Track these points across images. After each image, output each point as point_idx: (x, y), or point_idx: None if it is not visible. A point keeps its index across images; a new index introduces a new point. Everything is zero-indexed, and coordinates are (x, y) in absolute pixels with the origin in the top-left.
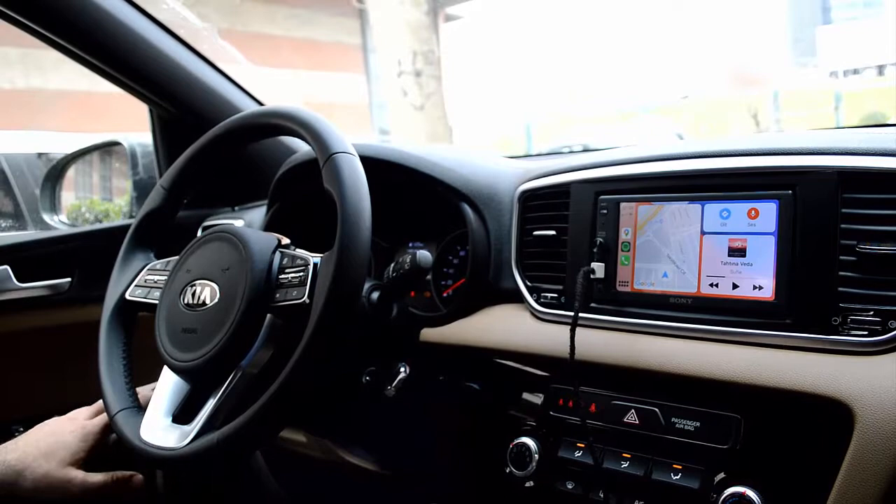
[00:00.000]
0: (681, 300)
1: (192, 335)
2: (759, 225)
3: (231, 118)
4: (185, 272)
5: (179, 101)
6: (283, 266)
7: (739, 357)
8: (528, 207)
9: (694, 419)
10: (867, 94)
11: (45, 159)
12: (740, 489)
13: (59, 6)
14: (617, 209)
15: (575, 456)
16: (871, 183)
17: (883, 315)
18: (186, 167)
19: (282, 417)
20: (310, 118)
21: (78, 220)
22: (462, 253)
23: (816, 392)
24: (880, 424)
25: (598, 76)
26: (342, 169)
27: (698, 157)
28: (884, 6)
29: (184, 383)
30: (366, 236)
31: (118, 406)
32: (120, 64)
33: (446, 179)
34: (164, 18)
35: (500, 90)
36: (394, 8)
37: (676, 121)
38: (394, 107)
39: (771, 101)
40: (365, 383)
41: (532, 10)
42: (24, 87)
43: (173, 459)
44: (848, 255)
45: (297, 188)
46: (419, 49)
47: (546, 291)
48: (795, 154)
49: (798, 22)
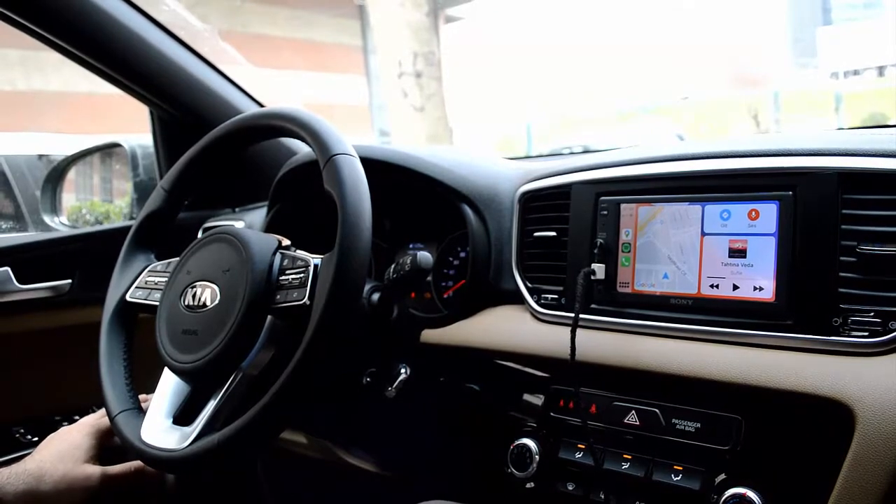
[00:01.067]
0: (681, 301)
1: (193, 336)
2: (760, 226)
3: (231, 120)
4: (186, 273)
5: (180, 102)
6: (284, 267)
7: (740, 358)
8: (529, 208)
9: (694, 420)
10: (868, 94)
11: (45, 161)
12: (741, 490)
13: (60, 8)
14: (617, 210)
15: (575, 457)
16: (872, 184)
17: (883, 316)
18: (187, 169)
19: (282, 419)
20: (310, 119)
21: (78, 221)
22: (462, 254)
23: (817, 393)
24: (881, 425)
25: (599, 77)
26: (342, 170)
27: (699, 158)
28: (884, 7)
29: (184, 385)
30: (366, 238)
31: (119, 407)
32: (120, 65)
33: (447, 180)
34: (164, 20)
35: (500, 91)
36: (394, 9)
37: (677, 121)
38: (394, 108)
39: (771, 101)
40: (365, 384)
41: (532, 12)
42: (25, 89)
43: (174, 461)
44: (848, 255)
45: (298, 190)
46: (420, 50)
47: (546, 292)
48: (796, 155)
49: (798, 23)
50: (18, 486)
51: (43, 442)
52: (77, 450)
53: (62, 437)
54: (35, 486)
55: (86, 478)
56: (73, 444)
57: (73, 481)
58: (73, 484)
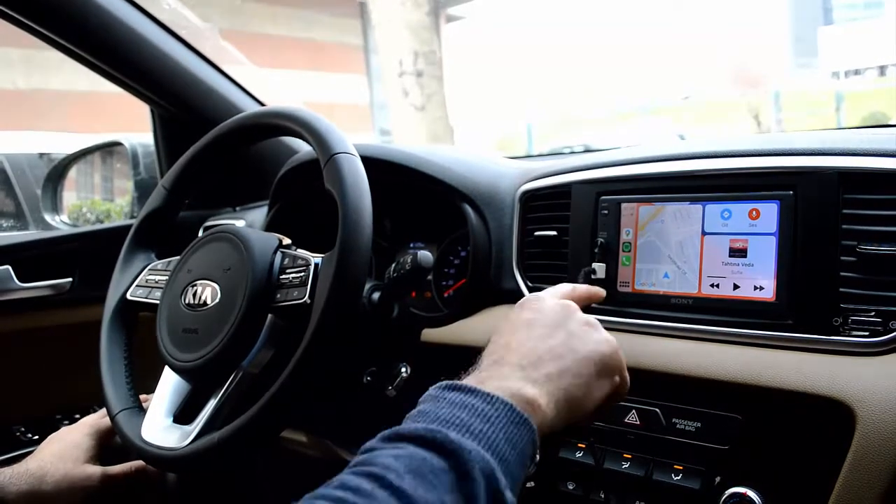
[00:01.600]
0: (682, 300)
1: (193, 335)
2: (760, 225)
3: (232, 119)
4: (187, 272)
5: (181, 101)
6: (284, 266)
7: (740, 357)
8: (529, 208)
9: (695, 420)
10: (869, 94)
11: (46, 159)
12: (741, 489)
13: (61, 6)
14: (618, 209)
15: (576, 456)
16: (872, 183)
17: (884, 315)
18: (188, 167)
19: (282, 418)
20: (311, 118)
21: (79, 220)
22: (463, 253)
23: (817, 392)
24: (881, 425)
25: (599, 76)
26: (343, 169)
27: (699, 157)
28: (885, 7)
29: (185, 383)
30: (367, 236)
31: (119, 406)
32: (121, 64)
33: (447, 180)
34: (165, 19)
35: (501, 91)
36: (395, 8)
37: (678, 121)
38: (395, 107)
39: (772, 101)
40: (366, 383)
41: (533, 11)
42: (26, 88)
43: (174, 459)
44: (849, 255)
45: (299, 188)
46: (420, 49)
47: None
48: (796, 154)
49: (799, 22)
50: (21, 485)
51: (44, 442)
52: (77, 449)
53: (63, 437)
54: (37, 486)
55: (86, 477)
56: (74, 443)
57: (74, 481)
58: (74, 484)
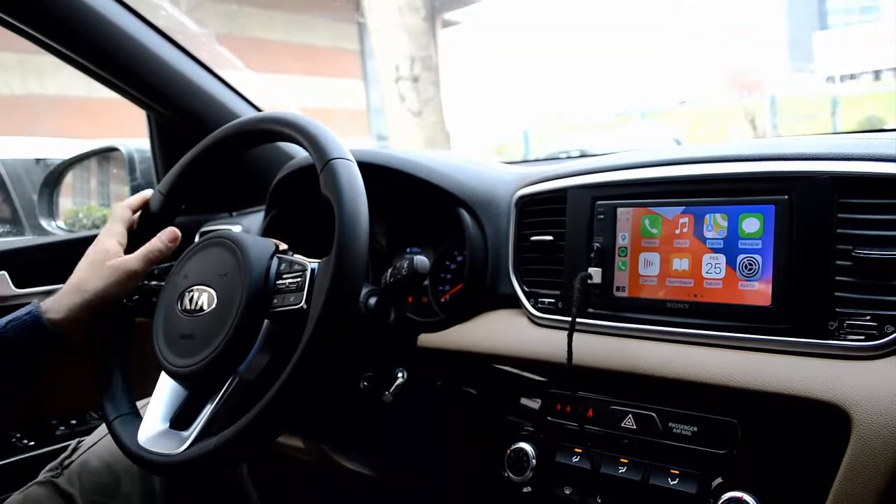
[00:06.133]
0: (678, 305)
1: (190, 341)
2: (756, 230)
3: (229, 124)
4: (183, 278)
5: (177, 106)
6: (281, 271)
7: (736, 362)
8: (526, 213)
9: (691, 424)
10: (864, 99)
11: (42, 165)
12: (738, 494)
13: (57, 12)
14: (614, 214)
15: (572, 461)
16: (867, 188)
17: (879, 319)
18: (184, 173)
19: (279, 423)
20: (307, 124)
21: (76, 225)
22: (459, 258)
23: (813, 396)
24: (877, 428)
25: (596, 81)
26: (340, 174)
27: (695, 162)
28: (880, 11)
29: (181, 389)
30: (363, 242)
31: (115, 412)
32: (118, 69)
33: (444, 185)
34: (162, 24)
35: (497, 96)
36: (392, 13)
37: (674, 126)
38: (391, 112)
39: (768, 106)
40: (363, 388)
41: (530, 16)
42: (22, 93)
43: (170, 465)
44: (844, 259)
45: (295, 194)
46: (417, 55)
47: (543, 297)
48: (792, 159)
49: (795, 27)
50: (63, 301)
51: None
52: (106, 252)
53: (91, 248)
54: (79, 297)
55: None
56: (102, 248)
57: (111, 274)
58: (109, 278)
